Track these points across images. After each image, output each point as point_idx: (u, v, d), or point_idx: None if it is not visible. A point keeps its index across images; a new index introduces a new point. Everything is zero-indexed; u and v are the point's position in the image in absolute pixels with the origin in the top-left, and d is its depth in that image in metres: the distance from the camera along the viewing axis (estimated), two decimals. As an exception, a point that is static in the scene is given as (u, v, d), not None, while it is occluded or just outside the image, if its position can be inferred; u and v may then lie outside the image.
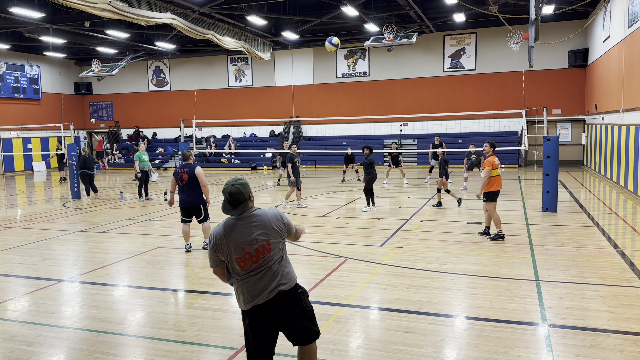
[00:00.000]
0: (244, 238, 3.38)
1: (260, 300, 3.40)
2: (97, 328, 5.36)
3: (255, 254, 3.39)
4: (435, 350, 4.66)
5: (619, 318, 5.30)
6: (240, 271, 3.41)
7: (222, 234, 3.43)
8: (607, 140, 17.39)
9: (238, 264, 3.39)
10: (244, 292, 3.45)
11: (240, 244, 3.38)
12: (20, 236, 10.35)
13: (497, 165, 8.90)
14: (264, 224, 3.44)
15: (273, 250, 3.44)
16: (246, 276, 3.42)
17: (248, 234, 3.39)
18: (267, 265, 3.42)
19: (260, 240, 3.40)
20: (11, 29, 22.02)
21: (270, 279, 3.42)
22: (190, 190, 8.32)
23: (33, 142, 28.25)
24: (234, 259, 3.39)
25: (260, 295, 3.40)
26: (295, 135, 27.85)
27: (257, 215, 3.47)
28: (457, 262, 7.66)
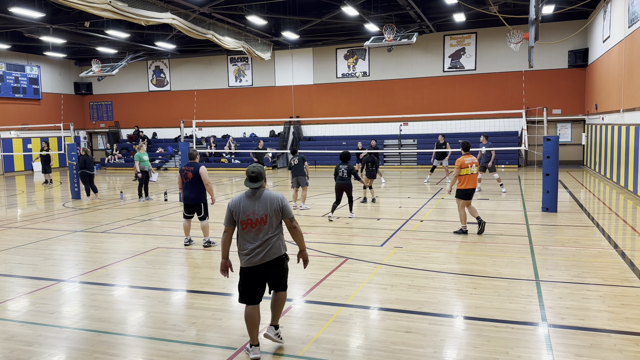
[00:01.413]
0: (250, 208, 4.47)
1: (252, 263, 4.48)
2: (97, 328, 5.35)
3: (255, 222, 4.46)
4: (435, 350, 4.66)
5: (619, 318, 5.30)
6: (242, 232, 4.50)
7: (238, 199, 4.53)
8: (607, 140, 17.38)
9: (241, 225, 4.49)
10: (241, 249, 4.52)
11: (246, 211, 4.46)
12: (20, 236, 10.35)
13: (467, 164, 9.23)
14: (267, 202, 4.49)
15: (268, 224, 4.47)
16: (244, 236, 4.50)
17: (254, 205, 4.47)
18: (261, 232, 4.46)
19: (260, 214, 4.46)
20: (11, 29, 22.02)
21: (264, 244, 4.48)
22: (194, 187, 8.68)
23: (33, 142, 28.25)
24: (239, 221, 4.49)
25: (253, 255, 4.47)
26: (295, 135, 27.85)
27: (265, 194, 4.53)
28: (457, 262, 7.66)
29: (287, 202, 4.59)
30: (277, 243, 4.57)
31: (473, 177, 9.36)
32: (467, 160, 9.29)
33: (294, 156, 13.04)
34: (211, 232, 10.21)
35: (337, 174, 11.15)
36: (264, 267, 4.52)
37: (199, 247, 8.98)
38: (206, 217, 8.90)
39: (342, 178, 11.02)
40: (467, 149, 9.67)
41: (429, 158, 24.94)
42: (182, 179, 8.75)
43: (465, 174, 9.27)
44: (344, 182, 11.01)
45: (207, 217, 8.93)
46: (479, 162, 15.35)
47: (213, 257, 8.31)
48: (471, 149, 16.38)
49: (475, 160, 9.50)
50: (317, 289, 6.42)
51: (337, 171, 11.22)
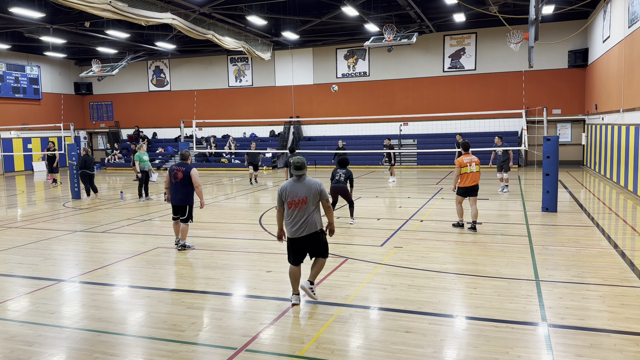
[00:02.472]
0: (295, 191, 5.63)
1: (295, 235, 5.66)
2: (97, 328, 5.36)
3: (298, 203, 5.61)
4: (435, 350, 4.66)
5: (619, 318, 5.30)
6: (288, 210, 5.67)
7: (286, 185, 5.70)
8: (607, 140, 17.38)
9: (287, 206, 5.66)
10: (287, 224, 5.69)
11: (291, 194, 5.63)
12: (20, 236, 10.35)
13: (466, 163, 9.64)
14: (308, 187, 5.64)
15: (308, 204, 5.61)
16: (290, 214, 5.66)
17: (298, 189, 5.64)
18: (302, 211, 5.60)
19: (302, 196, 5.61)
20: (11, 29, 22.02)
21: (303, 223, 5.61)
22: (182, 189, 8.54)
23: (33, 142, 28.25)
24: (286, 202, 5.65)
25: (295, 229, 5.63)
26: (295, 135, 27.86)
27: (307, 181, 5.69)
28: (457, 262, 7.66)
29: (324, 187, 5.73)
30: (314, 220, 5.66)
31: (473, 175, 9.68)
32: (466, 159, 9.68)
33: (292, 155, 12.99)
34: (205, 232, 10.22)
35: (334, 177, 10.91)
36: (304, 239, 5.67)
37: (199, 247, 8.98)
38: (188, 220, 8.67)
39: (337, 181, 10.77)
40: (467, 149, 10.01)
41: (429, 158, 24.98)
42: (171, 178, 8.52)
43: (464, 172, 9.65)
44: (339, 185, 10.75)
45: (190, 220, 8.71)
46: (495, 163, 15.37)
47: (213, 257, 8.31)
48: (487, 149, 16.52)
49: (476, 159, 9.80)
50: (317, 289, 6.41)
51: (333, 174, 10.98)
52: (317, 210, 5.71)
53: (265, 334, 5.10)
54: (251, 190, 17.37)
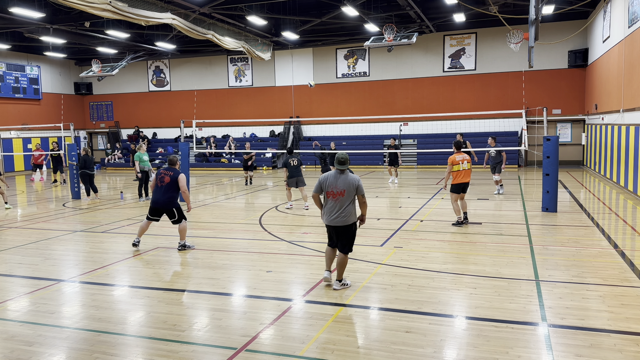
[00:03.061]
0: (334, 183, 6.18)
1: (331, 223, 6.23)
2: (97, 328, 5.36)
3: (335, 194, 6.15)
4: (435, 350, 4.66)
5: (619, 318, 5.30)
6: (327, 199, 6.25)
7: (328, 176, 6.24)
8: (607, 140, 17.38)
9: (326, 195, 6.25)
10: (325, 212, 6.28)
11: (331, 185, 6.19)
12: (20, 236, 10.35)
13: (458, 161, 10.05)
14: (346, 181, 6.16)
15: (345, 197, 6.12)
16: (328, 203, 6.24)
17: (337, 182, 6.17)
18: (339, 202, 6.13)
19: (340, 188, 6.14)
20: (11, 29, 22.01)
21: (339, 212, 6.15)
22: (167, 192, 8.53)
23: (33, 142, 28.23)
24: (325, 191, 6.23)
25: (330, 217, 6.21)
26: (295, 135, 27.86)
27: (346, 175, 6.21)
28: (457, 262, 7.66)
29: (361, 182, 6.25)
30: (347, 212, 6.16)
31: (465, 173, 10.08)
32: (458, 157, 10.11)
33: (291, 156, 12.98)
34: (205, 232, 10.22)
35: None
36: (338, 228, 6.24)
37: (199, 247, 8.98)
38: (182, 220, 8.64)
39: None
40: (459, 147, 10.33)
41: (429, 158, 24.98)
42: (157, 182, 8.55)
43: (457, 170, 10.08)
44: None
45: (184, 219, 8.69)
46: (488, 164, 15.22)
47: (213, 257, 8.31)
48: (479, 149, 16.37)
49: (467, 157, 10.19)
50: (317, 289, 6.43)
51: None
52: (353, 203, 6.22)
53: (265, 334, 5.10)
54: (251, 190, 17.37)
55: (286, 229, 10.54)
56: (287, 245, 8.94)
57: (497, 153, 14.82)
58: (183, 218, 8.70)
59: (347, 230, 6.23)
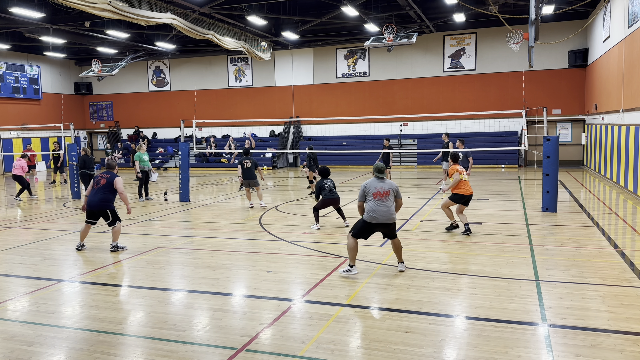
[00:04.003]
0: (379, 186, 6.97)
1: (380, 221, 6.89)
2: (97, 328, 5.35)
3: (382, 194, 6.93)
4: (435, 350, 4.66)
5: (619, 318, 5.30)
6: (373, 199, 6.91)
7: (372, 182, 7.03)
8: (607, 140, 17.39)
9: (374, 196, 6.91)
10: (374, 210, 6.87)
11: (377, 188, 6.95)
12: (20, 236, 10.35)
13: (462, 171, 9.60)
14: (389, 185, 7.04)
15: (390, 196, 6.98)
16: (376, 202, 6.89)
17: (382, 185, 6.99)
18: (385, 202, 6.91)
19: (385, 190, 6.96)
20: (11, 29, 22.02)
21: (386, 211, 6.91)
22: (102, 194, 8.57)
23: (33, 142, 28.22)
24: (372, 193, 6.93)
25: (380, 215, 6.88)
26: (295, 135, 27.86)
27: (387, 181, 7.10)
28: (457, 262, 7.66)
29: (399, 188, 7.18)
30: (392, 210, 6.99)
31: (468, 184, 9.64)
32: (459, 167, 9.68)
33: (246, 157, 12.89)
34: (205, 232, 10.21)
35: (325, 188, 10.46)
36: (384, 225, 6.95)
37: (199, 247, 8.99)
38: (116, 222, 8.68)
39: (331, 192, 10.42)
40: (457, 160, 9.92)
41: (429, 158, 24.96)
42: (94, 184, 8.62)
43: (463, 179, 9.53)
44: (334, 196, 10.44)
45: (118, 221, 8.72)
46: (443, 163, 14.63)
47: (213, 257, 8.31)
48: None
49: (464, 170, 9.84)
50: (317, 289, 6.43)
51: (323, 186, 10.52)
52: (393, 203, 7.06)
53: (265, 334, 5.10)
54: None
55: (286, 229, 10.54)
56: (287, 245, 8.94)
57: (464, 156, 13.88)
58: (117, 220, 8.73)
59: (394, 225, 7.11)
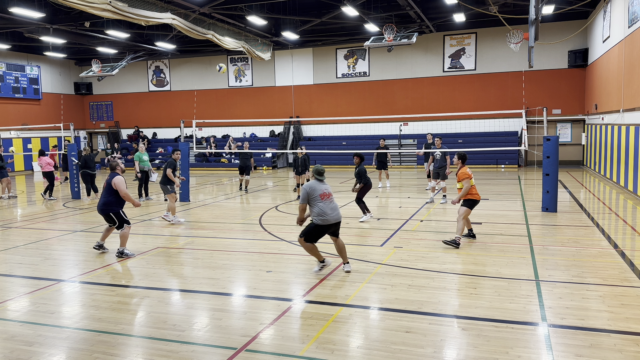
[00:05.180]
0: (324, 187, 7.04)
1: (331, 221, 6.93)
2: (97, 328, 5.36)
3: (328, 195, 7.02)
4: (435, 350, 4.66)
5: (619, 318, 5.30)
6: (322, 201, 6.92)
7: (315, 185, 6.99)
8: (607, 140, 17.39)
9: (321, 197, 6.93)
10: (324, 211, 6.88)
11: (322, 190, 6.98)
12: (20, 236, 10.35)
13: (471, 175, 8.76)
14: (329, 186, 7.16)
15: (332, 196, 7.10)
16: (325, 204, 6.93)
17: (326, 187, 7.08)
18: (332, 202, 7.03)
19: (330, 191, 7.10)
20: (11, 29, 22.02)
21: (334, 209, 7.01)
22: (104, 197, 8.40)
23: (33, 142, 28.24)
24: (318, 195, 6.91)
25: (331, 216, 6.92)
26: (295, 135, 27.86)
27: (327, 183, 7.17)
28: (457, 262, 7.66)
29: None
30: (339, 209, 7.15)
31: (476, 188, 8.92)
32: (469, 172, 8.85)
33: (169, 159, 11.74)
34: (205, 232, 10.21)
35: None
36: (335, 224, 7.02)
37: (199, 247, 8.98)
38: (123, 225, 8.40)
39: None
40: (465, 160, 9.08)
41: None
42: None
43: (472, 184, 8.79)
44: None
45: (126, 224, 8.42)
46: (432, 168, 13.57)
47: (213, 257, 8.31)
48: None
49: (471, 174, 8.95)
50: (317, 289, 6.43)
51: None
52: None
53: (265, 334, 5.10)
54: (251, 190, 17.33)
55: (286, 229, 10.54)
56: (287, 245, 8.94)
57: (442, 156, 13.34)
58: (125, 223, 8.42)
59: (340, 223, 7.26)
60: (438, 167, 13.43)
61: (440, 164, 13.39)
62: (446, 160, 13.38)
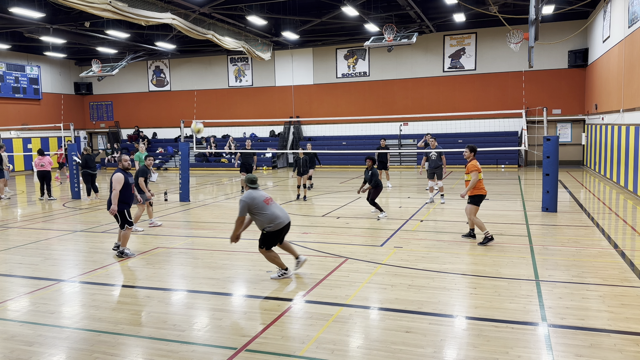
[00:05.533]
0: (262, 193, 6.88)
1: (284, 222, 6.85)
2: (97, 328, 5.36)
3: (270, 198, 6.90)
4: (435, 350, 4.66)
5: (619, 318, 5.30)
6: (267, 206, 6.77)
7: (253, 194, 6.80)
8: (607, 140, 17.39)
9: (266, 202, 6.79)
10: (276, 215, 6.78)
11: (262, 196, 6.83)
12: (20, 236, 10.35)
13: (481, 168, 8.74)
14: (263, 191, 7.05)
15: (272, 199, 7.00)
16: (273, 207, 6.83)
17: (263, 192, 6.95)
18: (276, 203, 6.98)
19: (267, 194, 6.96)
20: (11, 29, 22.01)
21: (283, 209, 7.01)
22: (109, 197, 8.41)
23: (33, 142, 28.24)
24: (262, 202, 6.74)
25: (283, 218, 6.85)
26: (295, 135, 27.86)
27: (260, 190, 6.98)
28: (457, 262, 7.66)
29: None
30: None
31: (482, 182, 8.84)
32: (479, 165, 8.77)
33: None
34: (205, 232, 10.21)
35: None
36: (288, 225, 6.95)
37: (199, 247, 8.99)
38: (124, 226, 8.31)
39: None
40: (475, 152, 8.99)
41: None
42: None
43: (480, 178, 8.71)
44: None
45: (127, 225, 8.32)
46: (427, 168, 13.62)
47: (213, 256, 8.31)
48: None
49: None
50: (317, 289, 6.43)
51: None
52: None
53: (265, 334, 5.10)
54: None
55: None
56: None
57: (437, 156, 13.32)
58: (126, 224, 8.34)
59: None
60: (434, 167, 13.40)
61: (436, 164, 13.37)
62: (442, 160, 13.40)
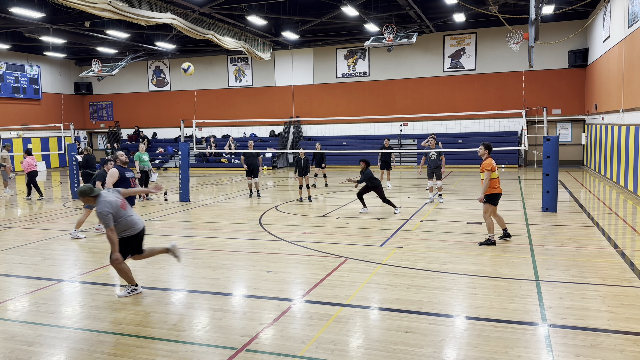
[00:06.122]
0: (116, 197, 6.28)
1: (140, 227, 6.39)
2: (97, 328, 5.36)
3: (125, 203, 6.33)
4: (435, 350, 4.66)
5: (619, 318, 5.30)
6: (125, 211, 6.23)
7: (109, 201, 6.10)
8: (607, 140, 17.39)
9: (122, 208, 6.22)
10: (132, 221, 6.27)
11: (117, 201, 6.19)
12: (20, 236, 10.35)
13: (496, 167, 8.60)
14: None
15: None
16: (128, 213, 6.27)
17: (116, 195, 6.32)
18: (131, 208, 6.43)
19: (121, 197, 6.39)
20: (11, 29, 22.01)
21: (135, 214, 6.43)
22: None
23: (33, 142, 28.25)
24: (118, 207, 6.15)
25: (138, 222, 6.38)
26: (295, 135, 27.87)
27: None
28: (457, 262, 7.66)
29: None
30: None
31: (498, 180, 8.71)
32: (494, 163, 8.63)
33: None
34: (205, 232, 10.20)
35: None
36: (143, 228, 6.50)
37: (199, 247, 8.98)
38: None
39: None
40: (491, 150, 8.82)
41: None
42: None
43: (495, 177, 8.57)
44: None
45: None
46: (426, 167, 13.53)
47: (213, 256, 8.31)
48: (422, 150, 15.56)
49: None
50: (317, 289, 6.43)
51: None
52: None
53: (265, 334, 5.10)
54: (251, 190, 17.29)
55: (286, 229, 10.54)
56: (287, 245, 8.94)
57: (437, 156, 13.31)
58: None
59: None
60: (433, 167, 13.38)
61: (436, 163, 13.35)
62: (441, 160, 13.41)
